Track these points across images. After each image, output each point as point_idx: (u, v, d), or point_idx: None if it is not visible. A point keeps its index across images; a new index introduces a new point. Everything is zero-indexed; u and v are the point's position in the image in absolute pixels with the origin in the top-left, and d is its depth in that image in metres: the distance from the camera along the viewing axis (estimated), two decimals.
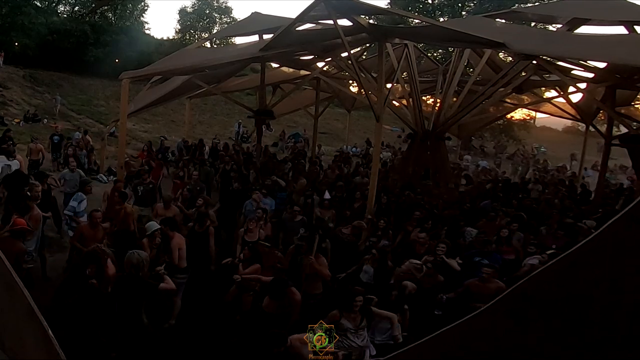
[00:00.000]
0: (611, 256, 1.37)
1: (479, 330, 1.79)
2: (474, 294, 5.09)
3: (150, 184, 8.14)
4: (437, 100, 12.88)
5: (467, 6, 28.25)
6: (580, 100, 12.26)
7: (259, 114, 11.99)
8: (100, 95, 25.24)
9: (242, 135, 21.99)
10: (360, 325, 4.26)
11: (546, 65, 8.62)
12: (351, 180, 10.21)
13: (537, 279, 1.54)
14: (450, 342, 1.88)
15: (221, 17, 38.55)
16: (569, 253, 1.41)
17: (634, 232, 1.30)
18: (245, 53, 9.64)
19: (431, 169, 11.01)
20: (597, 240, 1.35)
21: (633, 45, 6.96)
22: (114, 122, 12.12)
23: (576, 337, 1.59)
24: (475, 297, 5.02)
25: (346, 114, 19.77)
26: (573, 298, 1.51)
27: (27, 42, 24.90)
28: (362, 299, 4.29)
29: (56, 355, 1.88)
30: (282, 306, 4.69)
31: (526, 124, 28.82)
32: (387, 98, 8.41)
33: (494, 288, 5.01)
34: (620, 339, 1.54)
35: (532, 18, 11.59)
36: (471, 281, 5.24)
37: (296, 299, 4.73)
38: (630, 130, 9.12)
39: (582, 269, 1.43)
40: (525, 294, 1.60)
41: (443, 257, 5.50)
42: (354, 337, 4.22)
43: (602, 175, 11.60)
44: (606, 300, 1.46)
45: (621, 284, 1.41)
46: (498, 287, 5.04)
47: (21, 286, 1.99)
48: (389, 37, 8.81)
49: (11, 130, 12.53)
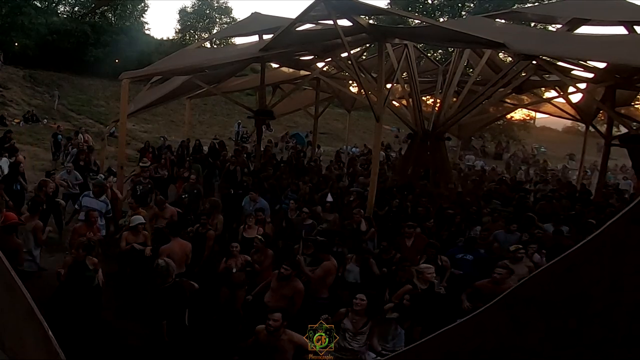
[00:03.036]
0: (611, 256, 1.37)
1: (478, 330, 1.79)
2: (485, 295, 4.79)
3: (149, 184, 8.15)
4: (437, 100, 12.88)
5: (467, 6, 28.25)
6: (580, 100, 12.25)
7: (258, 114, 11.99)
8: (100, 96, 25.24)
9: (242, 136, 21.99)
10: (361, 329, 4.05)
11: (546, 66, 8.61)
12: (356, 180, 10.22)
13: (537, 279, 1.55)
14: (450, 342, 1.88)
15: (221, 17, 38.52)
16: (568, 253, 1.41)
17: (634, 232, 1.30)
18: (245, 53, 9.65)
19: (431, 169, 11.01)
20: (597, 240, 1.35)
21: (633, 45, 6.96)
22: (114, 122, 12.11)
23: (576, 338, 1.59)
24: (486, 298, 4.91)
25: (346, 114, 19.74)
26: (573, 298, 1.51)
27: (27, 42, 24.91)
28: (364, 298, 4.06)
29: (56, 355, 1.88)
30: (284, 297, 4.64)
31: (526, 124, 28.81)
32: (387, 98, 8.42)
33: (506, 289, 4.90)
34: (620, 339, 1.54)
35: (532, 18, 11.61)
36: (482, 282, 4.98)
37: (299, 287, 4.70)
38: (630, 131, 9.12)
39: (582, 269, 1.43)
40: (525, 294, 1.60)
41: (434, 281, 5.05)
42: (351, 340, 4.05)
43: (602, 175, 11.61)
44: (606, 300, 1.46)
45: (621, 283, 1.41)
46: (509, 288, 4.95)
47: (21, 286, 1.99)
48: (389, 37, 8.82)
49: (12, 132, 12.53)
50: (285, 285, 4.68)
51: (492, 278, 4.89)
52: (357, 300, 4.05)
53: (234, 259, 5.42)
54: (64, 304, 4.48)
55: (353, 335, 4.05)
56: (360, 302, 4.04)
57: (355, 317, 4.06)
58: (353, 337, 4.05)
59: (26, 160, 10.29)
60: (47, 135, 15.98)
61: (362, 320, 4.05)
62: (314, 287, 5.18)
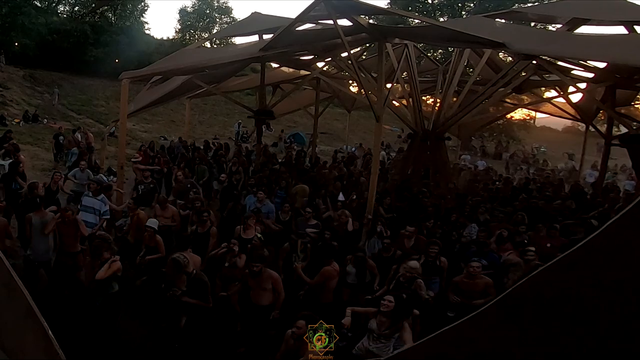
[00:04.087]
0: (611, 256, 1.37)
1: (478, 330, 1.79)
2: (463, 291, 5.05)
3: (151, 184, 8.15)
4: (437, 100, 12.87)
5: (467, 6, 28.25)
6: (580, 100, 12.24)
7: (258, 114, 11.98)
8: (100, 95, 25.25)
9: (242, 136, 21.99)
10: (383, 332, 3.94)
11: (546, 65, 8.61)
12: (357, 180, 10.22)
13: (535, 279, 1.54)
14: (449, 342, 1.88)
15: (221, 17, 38.57)
16: (568, 253, 1.40)
17: (634, 232, 1.30)
18: (245, 53, 9.64)
19: (431, 169, 11.01)
20: (597, 240, 1.34)
21: (633, 45, 6.95)
22: (114, 122, 12.12)
23: (575, 338, 1.59)
24: (465, 294, 5.01)
25: (346, 114, 19.75)
26: (572, 298, 1.50)
27: (27, 42, 24.93)
28: (392, 300, 3.97)
29: (56, 356, 1.88)
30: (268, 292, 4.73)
31: (526, 124, 28.79)
32: (387, 98, 8.41)
33: (482, 284, 4.98)
34: (620, 339, 1.54)
35: (532, 18, 11.58)
36: (458, 278, 5.20)
37: (273, 275, 4.80)
38: (630, 130, 9.12)
39: (582, 269, 1.42)
40: (524, 294, 1.60)
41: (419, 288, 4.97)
42: (374, 342, 3.97)
43: (602, 175, 11.60)
44: (606, 300, 1.46)
45: (621, 284, 1.40)
46: (485, 283, 5.02)
47: (21, 286, 1.99)
48: (389, 37, 8.80)
49: (12, 131, 12.53)
50: (261, 280, 4.73)
51: (467, 273, 5.08)
52: (385, 302, 3.98)
53: (234, 255, 5.42)
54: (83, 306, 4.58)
55: (377, 337, 3.98)
56: (388, 304, 3.96)
57: (382, 319, 3.98)
58: (377, 339, 3.97)
59: (26, 160, 10.29)
60: (47, 135, 15.98)
61: (387, 322, 3.96)
62: (316, 292, 5.21)
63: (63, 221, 5.60)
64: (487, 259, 5.63)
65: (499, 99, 12.23)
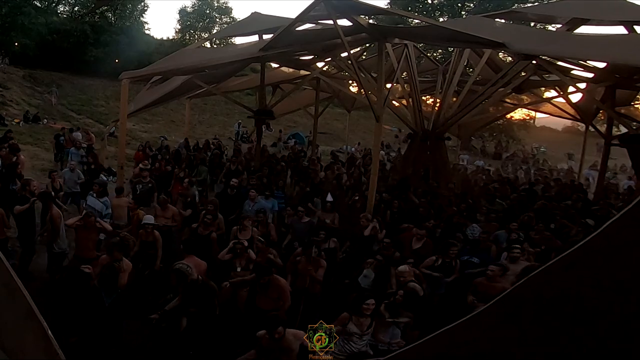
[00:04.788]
0: (611, 256, 1.37)
1: (477, 330, 1.79)
2: (479, 292, 5.03)
3: (149, 183, 8.13)
4: (437, 100, 12.88)
5: (467, 6, 28.25)
6: (580, 100, 12.25)
7: (258, 114, 11.98)
8: (100, 95, 25.24)
9: (242, 135, 21.99)
10: (366, 331, 4.14)
11: (546, 65, 8.61)
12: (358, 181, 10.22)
13: (535, 279, 1.54)
14: (449, 342, 1.88)
15: (221, 17, 38.53)
16: (568, 253, 1.40)
17: (634, 232, 1.30)
18: (245, 53, 9.64)
19: (431, 169, 11.00)
20: (597, 240, 1.34)
21: (633, 45, 6.96)
22: (114, 122, 12.11)
23: (575, 338, 1.59)
24: (481, 295, 4.98)
25: (346, 114, 19.75)
26: (572, 299, 1.50)
27: (27, 42, 24.90)
28: (374, 302, 4.14)
29: (55, 356, 1.88)
30: (274, 300, 4.70)
31: (526, 124, 28.81)
32: (387, 98, 8.41)
33: (500, 288, 4.92)
34: (619, 339, 1.54)
35: (532, 18, 11.59)
36: (478, 280, 5.19)
37: (281, 284, 4.76)
38: (630, 130, 9.11)
39: (581, 269, 1.42)
40: (524, 295, 1.60)
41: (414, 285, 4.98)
42: (357, 341, 4.11)
43: (602, 175, 11.60)
44: (605, 300, 1.46)
45: (620, 284, 1.40)
46: (503, 287, 4.97)
47: (21, 286, 1.98)
48: (389, 37, 8.81)
49: (12, 131, 12.51)
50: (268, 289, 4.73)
51: (486, 275, 5.11)
52: (367, 305, 4.10)
53: (239, 258, 5.40)
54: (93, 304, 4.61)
55: (360, 336, 4.12)
56: (369, 308, 4.10)
57: (360, 320, 4.12)
58: (360, 338, 4.12)
59: (26, 160, 10.28)
60: (47, 135, 15.97)
61: (367, 321, 4.13)
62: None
63: (85, 226, 5.60)
64: (478, 257, 5.79)
65: (499, 99, 12.23)
